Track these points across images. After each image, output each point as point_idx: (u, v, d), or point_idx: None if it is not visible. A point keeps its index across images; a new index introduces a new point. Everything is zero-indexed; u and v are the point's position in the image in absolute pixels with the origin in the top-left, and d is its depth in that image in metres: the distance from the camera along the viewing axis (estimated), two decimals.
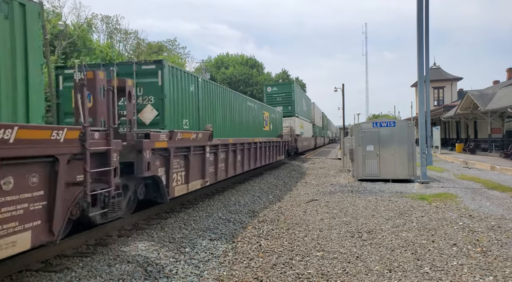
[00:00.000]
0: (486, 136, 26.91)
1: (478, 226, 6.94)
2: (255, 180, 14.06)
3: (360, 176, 13.70)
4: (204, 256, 5.52)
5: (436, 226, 7.01)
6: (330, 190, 11.82)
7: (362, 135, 13.64)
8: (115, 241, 5.93)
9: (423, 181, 12.04)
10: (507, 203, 9.12)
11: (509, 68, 38.14)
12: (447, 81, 44.64)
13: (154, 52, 44.47)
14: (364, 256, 5.44)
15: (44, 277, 4.41)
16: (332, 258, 5.41)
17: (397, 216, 7.94)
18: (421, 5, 12.30)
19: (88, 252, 5.37)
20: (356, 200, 9.94)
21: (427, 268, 4.91)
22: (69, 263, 4.89)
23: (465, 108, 27.39)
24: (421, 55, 12.39)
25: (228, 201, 9.73)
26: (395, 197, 10.39)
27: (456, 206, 8.92)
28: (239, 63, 57.35)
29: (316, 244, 6.11)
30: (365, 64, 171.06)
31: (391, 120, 14.07)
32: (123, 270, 4.75)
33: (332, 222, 7.60)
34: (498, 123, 25.93)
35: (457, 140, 33.59)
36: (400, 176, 13.26)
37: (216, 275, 4.81)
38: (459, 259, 5.21)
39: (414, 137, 13.55)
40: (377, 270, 4.87)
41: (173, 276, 4.71)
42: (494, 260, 5.15)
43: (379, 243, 6.07)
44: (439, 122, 36.65)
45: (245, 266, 5.14)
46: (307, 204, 9.65)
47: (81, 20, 38.67)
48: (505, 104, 20.91)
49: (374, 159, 13.49)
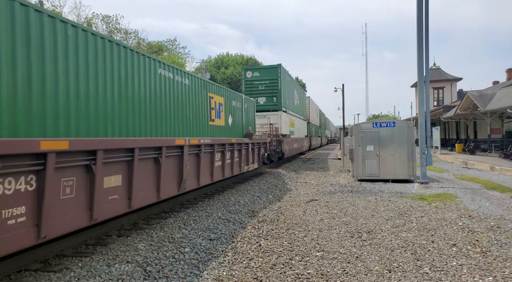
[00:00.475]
0: (485, 137, 26.92)
1: (478, 226, 6.94)
2: (255, 180, 14.06)
3: (360, 176, 13.70)
4: (203, 256, 5.52)
5: (436, 226, 7.01)
6: (330, 190, 11.82)
7: (362, 136, 13.64)
8: (114, 241, 5.93)
9: (422, 181, 12.04)
10: (507, 203, 9.12)
11: (508, 68, 38.18)
12: (447, 82, 44.68)
13: (154, 52, 44.49)
14: (364, 256, 5.43)
15: (43, 277, 4.41)
16: (332, 258, 5.40)
17: (397, 216, 7.93)
18: (421, 6, 12.30)
19: (87, 252, 5.37)
20: (356, 200, 9.94)
21: (426, 268, 4.91)
22: (68, 263, 4.89)
23: (464, 108, 27.41)
24: (421, 56, 12.40)
25: (227, 201, 9.73)
26: (395, 197, 10.39)
27: (456, 206, 8.92)
28: (239, 63, 57.36)
29: (315, 244, 6.11)
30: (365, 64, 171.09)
31: (391, 120, 14.07)
32: (123, 270, 4.75)
33: (331, 222, 7.60)
34: (497, 124, 25.95)
35: (456, 140, 33.61)
36: (400, 176, 13.27)
37: (215, 275, 4.80)
38: (458, 260, 5.20)
39: (414, 137, 13.55)
40: (376, 270, 4.87)
41: (173, 276, 4.70)
42: (494, 260, 5.15)
43: (378, 243, 6.07)
44: (439, 122, 36.68)
45: (244, 266, 5.14)
46: (307, 204, 9.65)
47: (81, 19, 38.66)
48: (505, 104, 20.93)
49: (374, 159, 13.50)
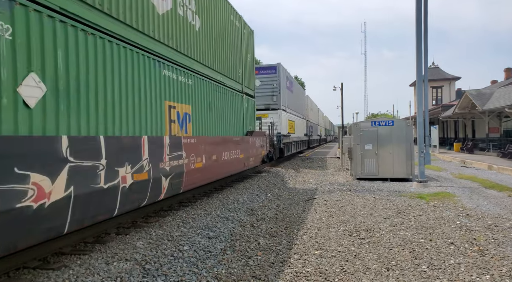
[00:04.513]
0: (483, 136, 27.00)
1: (476, 225, 6.97)
2: (254, 178, 14.07)
3: (358, 174, 13.72)
4: (202, 254, 5.53)
5: (434, 225, 7.03)
6: (329, 189, 11.84)
7: (361, 134, 13.66)
8: (113, 239, 5.92)
9: (421, 179, 12.08)
10: (504, 202, 9.15)
11: (507, 68, 38.30)
12: (446, 81, 44.77)
13: None
14: (362, 255, 5.45)
15: (41, 275, 4.41)
16: (330, 256, 5.42)
17: (395, 215, 7.96)
18: (420, 5, 12.31)
19: (86, 249, 5.36)
20: (355, 199, 9.96)
21: (424, 266, 4.92)
22: (67, 260, 4.88)
23: (463, 107, 27.46)
24: (419, 55, 12.41)
25: (226, 199, 9.74)
26: (393, 195, 10.41)
27: (454, 205, 8.95)
28: None
29: (314, 242, 6.12)
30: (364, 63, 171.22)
31: (390, 119, 14.09)
32: (121, 268, 4.75)
33: (330, 220, 7.61)
34: (495, 123, 26.02)
35: (455, 139, 33.69)
36: (398, 174, 13.30)
37: (214, 273, 4.81)
38: (456, 258, 5.22)
39: (413, 136, 13.58)
40: (375, 269, 4.89)
41: (171, 274, 4.71)
42: (491, 259, 5.17)
43: (377, 241, 6.09)
44: (437, 121, 36.74)
45: (243, 264, 5.15)
46: (306, 202, 9.66)
47: None
48: (503, 104, 20.98)
49: (372, 158, 13.52)
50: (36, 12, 4.15)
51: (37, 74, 4.13)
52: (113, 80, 5.48)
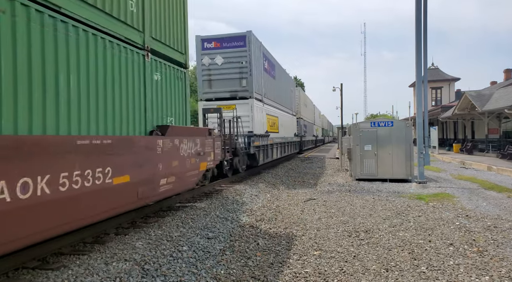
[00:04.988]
0: (483, 137, 27.00)
1: (475, 226, 6.97)
2: (253, 178, 14.06)
3: (358, 175, 13.72)
4: (201, 254, 5.52)
5: (433, 226, 7.03)
6: (328, 189, 11.84)
7: (360, 135, 13.66)
8: (112, 239, 5.92)
9: (420, 180, 12.08)
10: (504, 203, 9.16)
11: (506, 69, 38.38)
12: (445, 82, 44.78)
13: None
14: (361, 256, 5.45)
15: (40, 275, 4.40)
16: (330, 257, 5.42)
17: (394, 216, 7.96)
18: (420, 6, 12.32)
19: (85, 250, 5.36)
20: (354, 199, 9.96)
21: (423, 267, 4.93)
22: (66, 261, 4.88)
23: (462, 108, 27.48)
24: (419, 56, 12.42)
25: (226, 199, 9.73)
26: (393, 196, 10.41)
27: (453, 206, 8.95)
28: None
29: (313, 243, 6.12)
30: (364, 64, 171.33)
31: (389, 120, 14.10)
32: (120, 268, 4.74)
33: (329, 221, 7.61)
34: (495, 124, 26.04)
35: (454, 140, 33.70)
36: (397, 175, 13.30)
37: (213, 273, 4.81)
38: (455, 259, 5.23)
39: (412, 137, 13.59)
40: (374, 270, 4.89)
41: (170, 274, 4.70)
42: (490, 260, 5.18)
43: (376, 242, 6.09)
44: (437, 122, 36.76)
45: (242, 265, 5.15)
46: (305, 203, 9.66)
47: None
48: (502, 105, 20.99)
49: (372, 159, 13.52)
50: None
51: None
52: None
